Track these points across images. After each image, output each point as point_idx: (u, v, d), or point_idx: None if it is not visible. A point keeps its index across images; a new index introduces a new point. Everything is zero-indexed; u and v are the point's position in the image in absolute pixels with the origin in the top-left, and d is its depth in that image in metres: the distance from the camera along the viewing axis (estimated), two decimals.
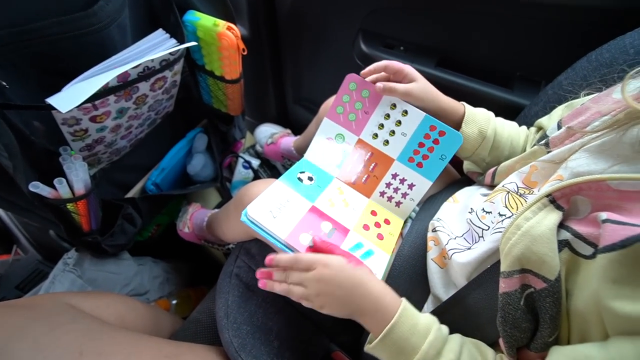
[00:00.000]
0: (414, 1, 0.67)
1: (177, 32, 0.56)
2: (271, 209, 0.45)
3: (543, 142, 0.40)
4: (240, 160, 0.98)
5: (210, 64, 0.66)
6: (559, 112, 0.45)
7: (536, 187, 0.38)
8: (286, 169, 0.99)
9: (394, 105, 0.50)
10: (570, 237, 0.29)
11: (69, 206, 0.51)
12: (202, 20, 0.58)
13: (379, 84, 0.48)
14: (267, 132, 1.02)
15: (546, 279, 0.29)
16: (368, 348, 0.36)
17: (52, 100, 0.42)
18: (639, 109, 0.28)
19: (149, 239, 0.84)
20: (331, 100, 0.65)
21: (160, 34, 0.55)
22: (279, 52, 0.92)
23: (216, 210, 0.76)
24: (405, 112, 0.49)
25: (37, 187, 0.47)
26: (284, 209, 0.45)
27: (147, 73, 0.53)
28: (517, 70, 0.66)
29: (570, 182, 0.29)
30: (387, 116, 0.50)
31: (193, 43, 0.55)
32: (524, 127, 0.52)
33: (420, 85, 0.49)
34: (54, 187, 0.49)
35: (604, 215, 0.26)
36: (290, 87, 1.00)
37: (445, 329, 0.35)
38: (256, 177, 0.99)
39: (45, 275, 0.72)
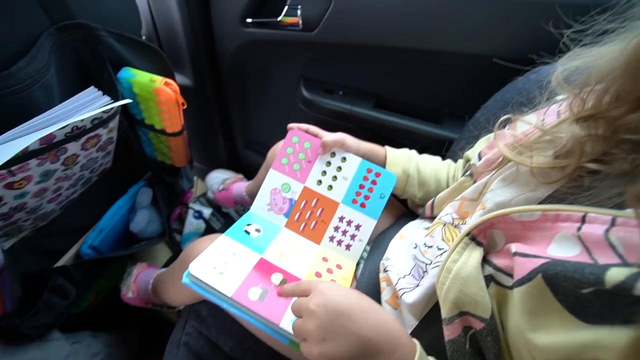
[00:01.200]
0: (345, 52, 0.72)
1: (112, 89, 0.55)
2: (216, 265, 0.42)
3: (468, 173, 0.43)
4: (191, 211, 0.94)
5: (149, 118, 0.64)
6: (479, 144, 0.49)
7: (468, 217, 0.40)
8: (240, 215, 0.97)
9: (333, 154, 0.54)
10: (493, 272, 0.30)
11: None
12: (138, 76, 0.58)
13: (320, 149, 0.53)
14: (219, 179, 1.00)
15: (482, 318, 0.30)
16: None
17: None
18: (509, 156, 0.32)
19: (87, 309, 0.75)
20: (278, 146, 0.67)
21: (91, 92, 0.53)
22: (225, 99, 0.94)
23: (163, 270, 0.71)
24: (344, 158, 0.54)
25: None
26: (230, 263, 0.43)
27: (76, 133, 0.50)
28: (444, 108, 0.72)
29: (483, 219, 0.31)
30: (329, 163, 0.54)
31: (128, 100, 0.54)
32: (448, 160, 0.56)
33: (346, 135, 0.54)
34: None
35: (514, 247, 0.28)
36: (239, 133, 1.00)
37: None
38: (208, 227, 0.95)
39: None
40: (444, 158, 0.59)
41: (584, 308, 0.22)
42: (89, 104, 0.52)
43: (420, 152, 0.58)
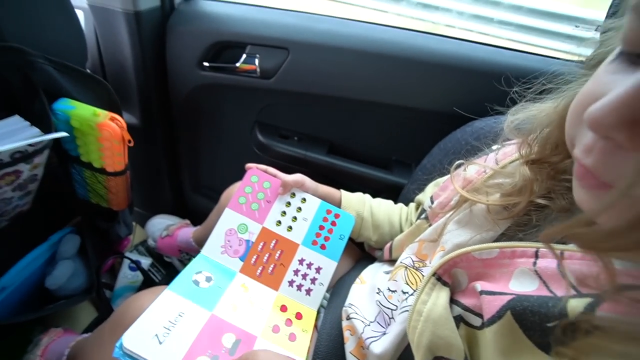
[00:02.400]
0: (300, 100, 0.76)
1: (43, 121, 0.49)
2: (157, 332, 0.36)
3: (423, 216, 0.45)
4: (126, 262, 0.82)
5: (87, 155, 0.58)
6: (430, 189, 0.53)
7: (427, 259, 0.41)
8: (184, 264, 0.88)
9: (293, 194, 0.53)
10: (462, 312, 0.30)
11: None
12: (79, 109, 0.53)
13: (280, 189, 0.53)
14: (162, 225, 0.91)
15: None
16: None
17: None
18: (465, 195, 0.35)
19: None
20: (232, 188, 0.64)
21: (16, 122, 0.47)
22: (174, 140, 0.90)
23: (85, 335, 0.59)
24: (304, 199, 0.53)
25: None
26: (174, 328, 0.37)
27: None
28: (392, 155, 0.77)
29: (446, 259, 0.32)
30: (288, 204, 0.53)
31: (63, 134, 0.49)
32: (400, 204, 0.59)
33: (305, 177, 0.55)
34: None
35: (479, 286, 0.28)
36: (187, 176, 0.95)
37: None
38: (147, 279, 0.84)
39: None
40: (396, 202, 0.62)
41: (550, 342, 0.23)
42: (13, 135, 0.46)
43: (373, 196, 0.60)
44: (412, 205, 0.57)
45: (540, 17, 1.13)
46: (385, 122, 0.75)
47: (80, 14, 0.70)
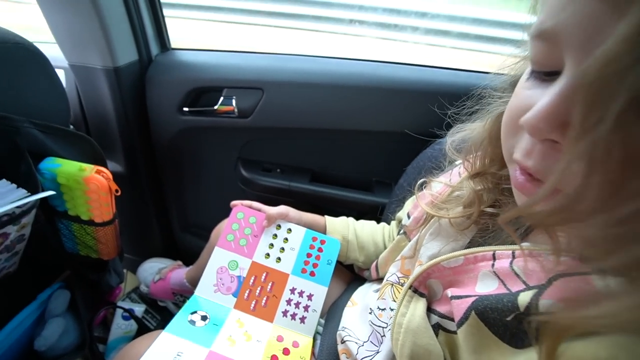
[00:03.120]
0: (279, 134, 0.79)
1: (30, 182, 0.51)
2: None
3: (402, 231, 0.48)
4: (119, 311, 0.81)
5: (74, 209, 0.59)
6: (407, 205, 0.56)
7: (410, 274, 0.43)
8: (179, 307, 0.87)
9: (279, 226, 0.56)
10: (438, 319, 0.32)
11: None
12: (64, 166, 0.55)
13: (265, 222, 0.55)
14: (154, 269, 0.90)
15: None
16: None
17: None
18: (429, 211, 0.38)
19: None
20: (221, 225, 0.66)
21: (3, 185, 0.48)
22: (160, 184, 0.91)
23: None
24: (290, 229, 0.55)
25: None
26: None
27: None
28: (372, 177, 0.81)
29: (420, 271, 0.34)
30: (275, 236, 0.55)
31: (50, 192, 0.50)
32: (382, 224, 0.62)
33: (288, 207, 0.57)
34: None
35: (449, 292, 0.31)
36: (175, 216, 0.96)
37: None
38: (141, 327, 0.82)
39: None
40: (379, 222, 0.64)
41: (512, 335, 0.25)
42: (1, 198, 0.47)
43: (357, 218, 0.63)
44: (394, 223, 0.60)
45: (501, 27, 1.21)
46: (362, 147, 0.79)
47: (61, 73, 0.74)
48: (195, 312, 0.46)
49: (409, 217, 0.47)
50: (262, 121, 0.76)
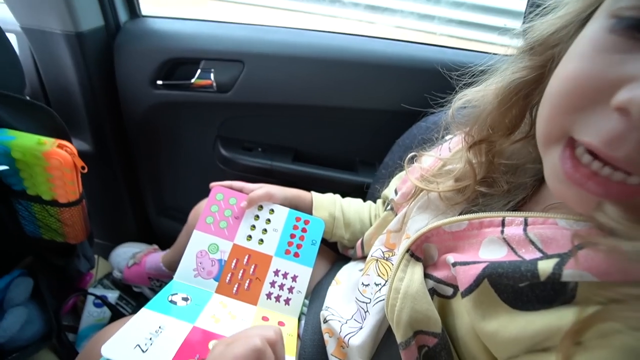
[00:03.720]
0: (260, 111, 0.76)
1: None
2: (138, 342, 0.35)
3: (389, 207, 0.47)
4: (90, 299, 0.77)
5: (33, 187, 0.54)
6: (394, 182, 0.55)
7: (395, 248, 0.42)
8: (155, 292, 0.83)
9: (260, 207, 0.53)
10: (434, 284, 0.32)
11: None
12: (20, 139, 0.49)
13: (244, 202, 0.52)
14: (128, 253, 0.86)
15: (435, 333, 0.30)
16: None
17: None
18: (419, 185, 0.37)
19: None
20: (200, 206, 0.63)
21: None
22: (133, 164, 0.86)
23: None
24: (272, 210, 0.53)
25: None
26: (157, 338, 0.36)
27: None
28: (356, 156, 0.79)
29: (419, 233, 0.33)
30: (257, 217, 0.52)
31: (3, 167, 0.45)
32: (369, 202, 0.61)
33: (271, 186, 0.55)
34: None
35: (451, 258, 0.30)
36: (150, 199, 0.91)
37: None
38: (115, 314, 0.78)
39: None
40: (364, 201, 0.63)
41: (522, 301, 0.25)
42: None
43: (342, 197, 0.61)
44: (379, 201, 0.59)
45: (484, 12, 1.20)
46: (346, 125, 0.77)
47: (12, 38, 0.66)
48: (176, 293, 0.44)
49: (396, 193, 0.46)
50: (242, 96, 0.72)
